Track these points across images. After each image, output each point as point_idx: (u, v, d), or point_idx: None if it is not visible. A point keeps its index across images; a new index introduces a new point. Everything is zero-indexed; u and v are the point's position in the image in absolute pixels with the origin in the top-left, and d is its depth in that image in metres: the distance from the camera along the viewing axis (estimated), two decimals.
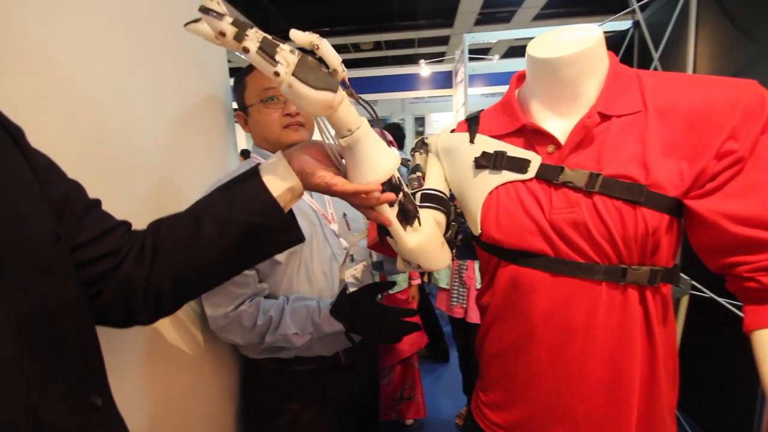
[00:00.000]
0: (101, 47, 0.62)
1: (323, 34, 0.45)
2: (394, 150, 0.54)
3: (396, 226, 0.58)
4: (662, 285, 0.58)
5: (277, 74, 0.42)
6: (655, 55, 1.78)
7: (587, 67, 0.58)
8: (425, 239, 0.61)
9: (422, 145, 0.77)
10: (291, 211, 0.56)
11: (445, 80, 4.68)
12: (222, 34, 0.41)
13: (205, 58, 0.93)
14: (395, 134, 2.74)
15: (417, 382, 2.00)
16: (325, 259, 0.92)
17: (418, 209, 0.62)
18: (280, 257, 0.85)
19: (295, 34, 0.44)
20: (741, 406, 1.34)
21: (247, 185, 0.52)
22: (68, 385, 0.37)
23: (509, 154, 0.63)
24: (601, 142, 0.57)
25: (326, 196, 0.99)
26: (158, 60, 0.76)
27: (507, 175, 0.62)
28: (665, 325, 0.60)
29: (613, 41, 2.34)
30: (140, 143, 0.70)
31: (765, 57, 1.19)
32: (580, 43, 0.58)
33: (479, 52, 6.10)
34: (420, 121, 7.17)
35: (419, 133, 7.11)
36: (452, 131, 0.74)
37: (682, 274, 1.36)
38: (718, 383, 1.49)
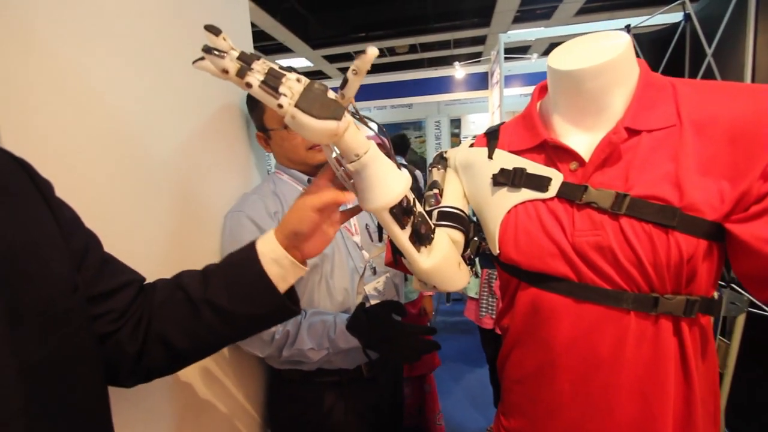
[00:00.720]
0: (127, 62, 0.65)
1: (359, 40, 0.44)
2: (405, 171, 0.54)
3: (409, 247, 0.56)
4: (700, 316, 0.53)
5: (280, 106, 0.42)
6: (709, 51, 1.64)
7: (613, 78, 0.54)
8: (440, 261, 0.59)
9: (440, 160, 0.75)
10: (292, 289, 0.56)
11: (482, 81, 4.59)
12: (225, 71, 0.42)
13: None
14: (402, 144, 2.85)
15: (431, 404, 1.87)
16: (346, 273, 0.92)
17: (434, 229, 0.60)
18: None
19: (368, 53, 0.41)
20: None
21: (251, 280, 0.51)
22: None
23: (529, 171, 0.60)
24: (629, 160, 0.53)
25: (349, 206, 0.99)
26: (183, 74, 0.79)
27: (526, 194, 0.59)
28: (704, 359, 0.54)
29: (663, 35, 2.18)
30: (165, 156, 0.73)
31: None
32: (605, 53, 0.53)
33: (518, 51, 5.91)
34: (456, 122, 7.05)
35: (455, 135, 6.99)
36: (471, 145, 0.72)
37: (738, 289, 1.24)
38: None
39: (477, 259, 1.85)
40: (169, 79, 0.75)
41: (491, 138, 0.68)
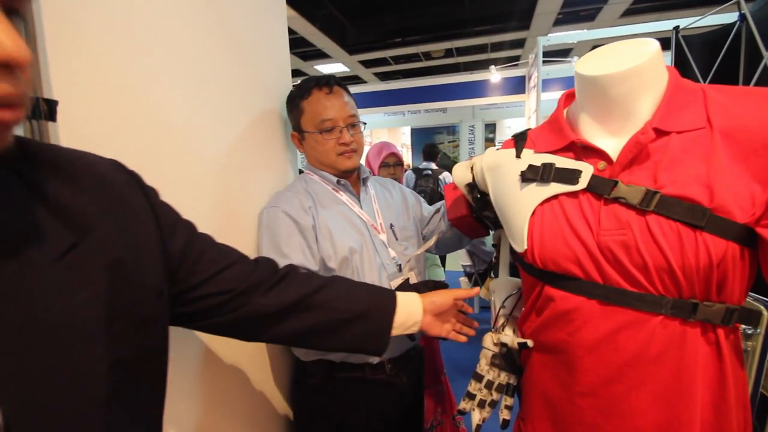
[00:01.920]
0: (174, 70, 0.71)
1: (395, 45, 0.47)
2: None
3: None
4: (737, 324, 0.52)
5: None
6: (766, 53, 1.54)
7: (639, 84, 0.54)
8: None
9: (483, 206, 0.78)
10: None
11: (518, 85, 4.51)
12: None
13: (269, 81, 1.02)
14: (430, 152, 3.74)
15: (447, 406, 1.83)
16: (374, 269, 0.95)
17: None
18: (332, 265, 0.90)
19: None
20: None
21: (377, 336, 0.70)
22: (141, 424, 0.43)
23: (558, 165, 0.60)
24: (657, 160, 0.52)
25: (375, 206, 1.03)
26: (226, 81, 0.85)
27: (555, 188, 0.59)
28: (741, 366, 0.53)
29: (716, 37, 2.06)
30: (208, 157, 0.79)
31: None
32: (631, 59, 0.53)
33: (560, 54, 5.75)
34: (491, 127, 6.96)
35: (489, 140, 6.90)
36: (498, 149, 0.73)
37: None
38: None
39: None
40: (211, 86, 0.81)
41: (519, 140, 0.69)
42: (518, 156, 0.67)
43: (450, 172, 3.84)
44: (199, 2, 0.77)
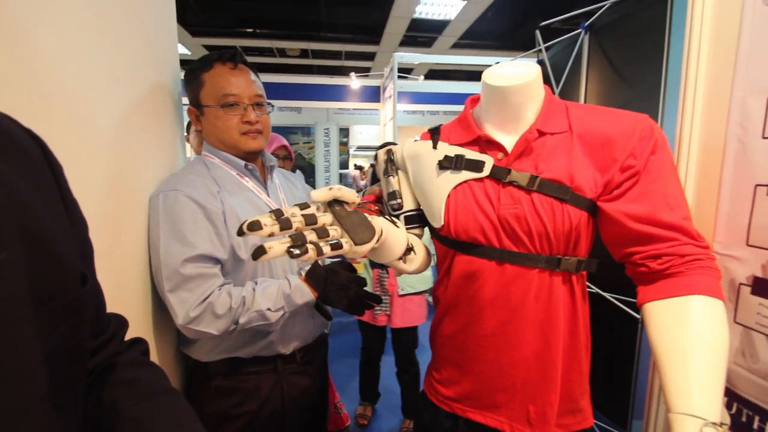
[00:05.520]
0: (58, 34, 0.58)
1: (246, 36, 0.47)
2: (401, 228, 0.72)
3: (402, 267, 0.75)
4: (584, 272, 0.73)
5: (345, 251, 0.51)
6: (556, 90, 2.11)
7: (528, 95, 0.72)
8: (421, 261, 0.79)
9: (392, 166, 0.84)
10: None
11: (372, 94, 4.86)
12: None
13: (159, 48, 0.89)
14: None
15: (329, 396, 1.96)
16: (285, 258, 0.93)
17: (413, 245, 0.77)
18: (243, 255, 0.85)
19: (316, 195, 0.53)
20: (621, 384, 1.63)
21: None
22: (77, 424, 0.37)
23: (467, 157, 0.74)
24: (537, 153, 0.71)
25: (281, 195, 1.01)
26: (112, 47, 0.72)
27: (466, 174, 0.73)
28: (584, 301, 0.75)
29: None
30: (92, 133, 0.66)
31: (638, 99, 1.52)
32: (524, 76, 0.71)
33: (402, 72, 6.45)
34: (344, 131, 7.27)
35: (343, 144, 7.20)
36: (415, 140, 0.84)
37: None
38: (605, 367, 1.79)
39: (366, 261, 2.06)
40: (99, 38, 0.67)
41: (434, 133, 0.81)
42: (435, 147, 0.79)
43: (303, 172, 4.01)
44: None
